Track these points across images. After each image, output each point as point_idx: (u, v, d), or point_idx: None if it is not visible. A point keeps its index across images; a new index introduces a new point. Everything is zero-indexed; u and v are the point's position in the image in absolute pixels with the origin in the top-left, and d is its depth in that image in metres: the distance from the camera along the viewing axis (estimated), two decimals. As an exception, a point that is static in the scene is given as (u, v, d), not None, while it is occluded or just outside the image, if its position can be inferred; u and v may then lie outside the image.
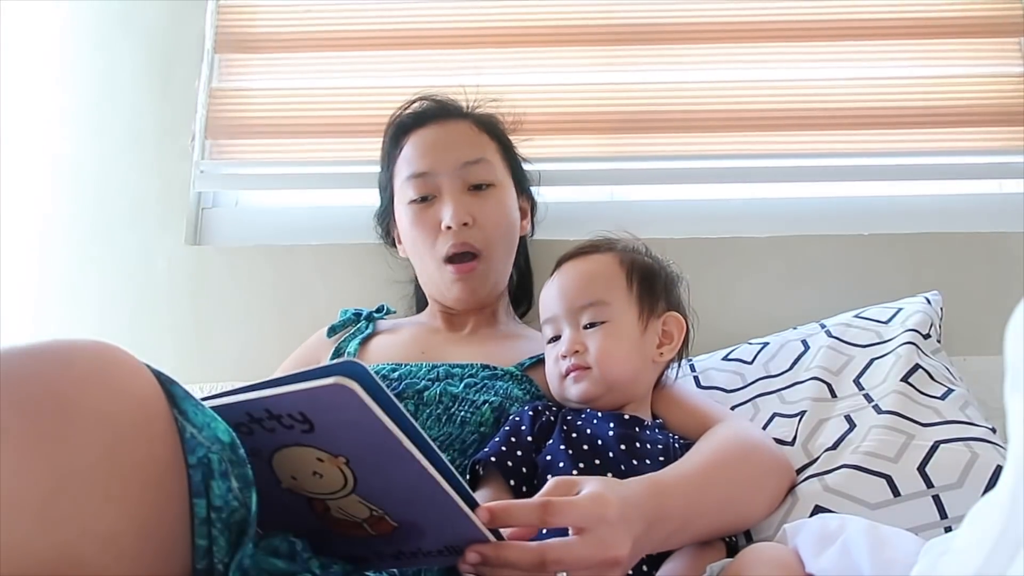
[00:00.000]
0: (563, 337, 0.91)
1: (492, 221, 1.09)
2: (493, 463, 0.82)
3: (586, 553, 0.62)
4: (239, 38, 1.53)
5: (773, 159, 1.42)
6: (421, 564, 0.67)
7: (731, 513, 0.81)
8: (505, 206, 1.12)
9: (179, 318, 1.37)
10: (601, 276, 0.93)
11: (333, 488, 0.58)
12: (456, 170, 1.09)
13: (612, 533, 0.63)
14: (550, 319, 0.94)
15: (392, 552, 0.64)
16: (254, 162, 1.49)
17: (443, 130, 1.13)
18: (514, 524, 0.62)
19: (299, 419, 0.53)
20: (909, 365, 0.95)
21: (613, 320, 0.90)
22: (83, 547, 0.48)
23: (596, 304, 0.90)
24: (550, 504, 0.62)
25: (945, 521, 0.79)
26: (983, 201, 1.41)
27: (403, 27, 1.50)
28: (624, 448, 0.82)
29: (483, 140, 1.14)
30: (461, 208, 1.06)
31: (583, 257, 0.96)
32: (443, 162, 1.09)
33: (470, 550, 0.60)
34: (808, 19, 1.47)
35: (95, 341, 0.53)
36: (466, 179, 1.09)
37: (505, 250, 1.12)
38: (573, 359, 0.89)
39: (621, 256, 0.95)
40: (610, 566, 0.64)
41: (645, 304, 0.92)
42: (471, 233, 1.07)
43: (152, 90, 1.48)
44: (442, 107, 1.17)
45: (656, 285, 0.94)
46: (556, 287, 0.94)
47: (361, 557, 0.66)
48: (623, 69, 1.48)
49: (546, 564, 0.61)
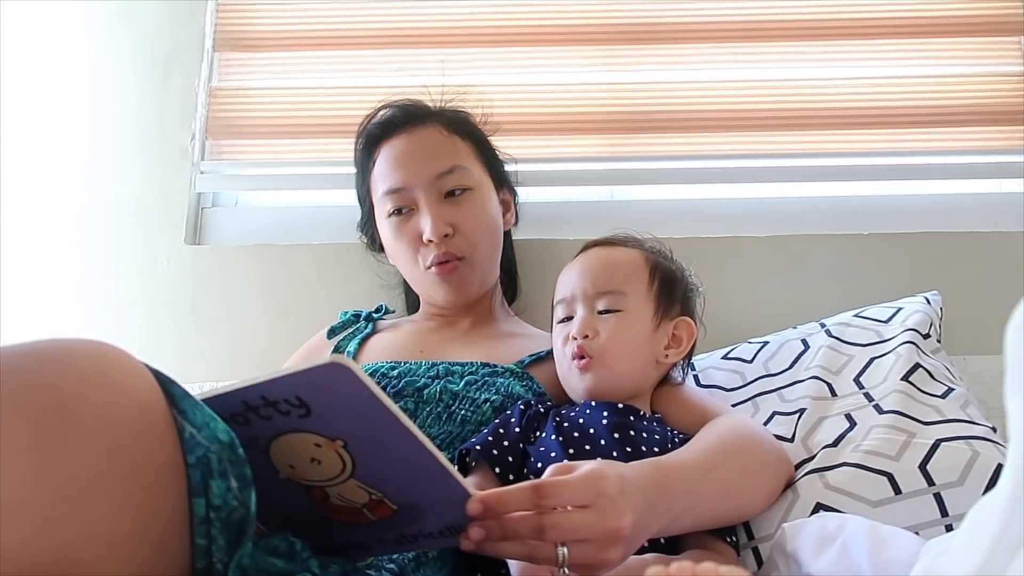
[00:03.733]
0: (576, 318, 0.91)
1: (473, 226, 1.08)
2: (478, 451, 0.82)
3: (585, 522, 0.62)
4: (239, 37, 1.53)
5: (773, 159, 1.42)
6: (423, 546, 0.67)
7: (732, 501, 0.81)
8: (484, 208, 1.11)
9: (179, 317, 1.37)
10: (625, 267, 0.94)
11: (332, 474, 0.58)
12: (430, 181, 1.08)
13: (611, 505, 0.63)
14: (565, 299, 0.94)
15: (394, 536, 0.64)
16: (254, 162, 1.49)
17: (412, 140, 1.11)
18: (507, 511, 0.62)
19: (295, 404, 0.53)
20: (909, 364, 0.95)
21: (628, 311, 0.90)
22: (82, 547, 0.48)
23: (615, 292, 0.91)
24: (542, 486, 0.62)
25: (946, 519, 0.79)
26: (983, 201, 1.41)
27: (404, 26, 1.50)
28: (617, 436, 0.83)
29: (454, 144, 1.12)
30: (439, 220, 1.06)
31: (611, 247, 0.97)
32: (416, 175, 1.08)
33: (473, 525, 0.60)
34: (807, 18, 1.47)
35: (94, 341, 0.53)
36: (441, 188, 1.08)
37: (489, 250, 1.12)
38: (582, 342, 0.89)
39: (647, 254, 0.96)
40: (611, 539, 0.63)
41: (661, 304, 0.93)
42: (453, 242, 1.07)
43: (152, 90, 1.48)
44: (408, 113, 1.14)
45: (675, 289, 0.95)
46: (579, 268, 0.95)
47: (363, 543, 0.66)
48: (621, 69, 1.48)
49: (544, 529, 0.61)
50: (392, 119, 1.14)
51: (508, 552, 0.63)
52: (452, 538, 0.63)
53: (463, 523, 0.61)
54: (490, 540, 0.61)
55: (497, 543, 0.62)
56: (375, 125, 1.15)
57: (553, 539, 0.61)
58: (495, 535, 0.61)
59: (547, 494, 0.61)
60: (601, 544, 0.63)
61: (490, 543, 0.62)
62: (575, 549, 0.62)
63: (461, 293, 1.09)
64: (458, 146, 1.12)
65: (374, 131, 1.15)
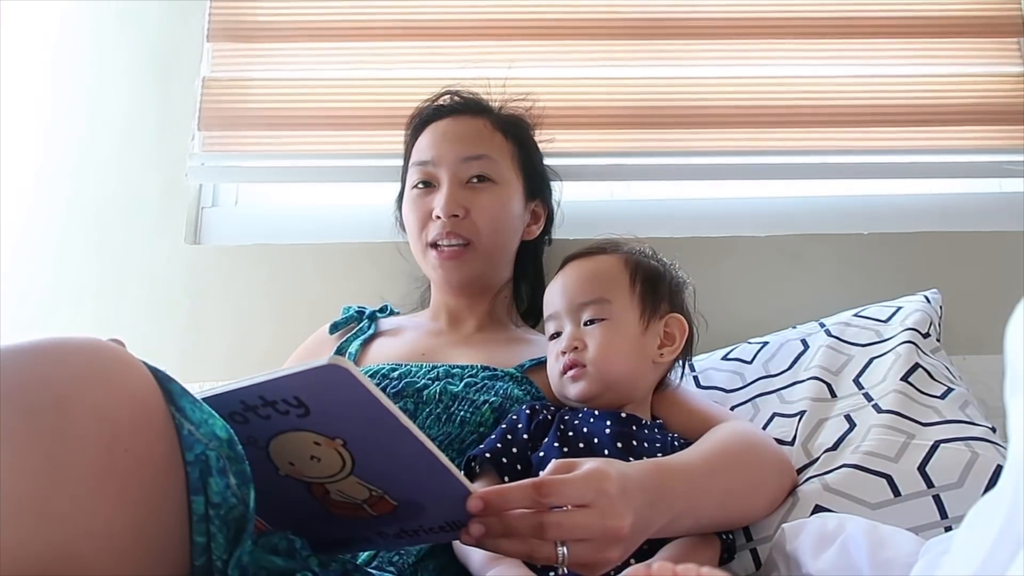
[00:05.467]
0: (563, 333, 0.92)
1: (485, 215, 1.09)
2: (488, 459, 0.82)
3: (585, 521, 0.62)
4: (234, 27, 1.50)
5: (772, 155, 1.42)
6: (424, 541, 0.67)
7: (733, 505, 0.81)
8: (502, 204, 1.12)
9: (178, 316, 1.37)
10: (604, 275, 0.94)
11: (332, 471, 0.58)
12: (457, 163, 1.10)
13: (611, 504, 0.63)
14: (552, 315, 0.95)
15: (395, 531, 0.64)
16: (250, 154, 1.46)
17: (456, 124, 1.15)
18: (508, 508, 0.62)
19: (294, 404, 0.53)
20: (909, 364, 0.95)
21: (613, 318, 0.90)
22: (80, 544, 0.48)
23: (597, 302, 0.91)
24: (543, 484, 0.62)
25: (945, 521, 0.79)
26: (983, 200, 1.42)
27: (406, 17, 1.48)
28: (620, 446, 0.83)
29: (495, 138, 1.14)
30: (452, 200, 1.08)
31: (588, 257, 0.97)
32: (446, 153, 1.11)
33: (473, 522, 0.60)
34: (810, 17, 1.47)
35: (92, 339, 0.53)
36: (466, 172, 1.11)
37: (497, 245, 1.12)
38: (571, 355, 0.89)
39: (626, 257, 0.96)
40: (611, 538, 0.63)
41: (647, 305, 0.92)
42: (461, 224, 1.09)
43: (150, 86, 1.48)
44: (464, 102, 1.18)
45: (660, 287, 0.95)
46: (559, 284, 0.95)
47: (364, 537, 0.66)
48: (626, 64, 1.47)
49: (545, 528, 0.61)
50: (446, 104, 1.19)
51: (508, 550, 0.63)
52: (453, 532, 0.63)
53: (464, 519, 0.61)
54: (490, 537, 0.61)
55: (497, 540, 0.62)
56: (432, 108, 1.19)
57: (553, 538, 0.61)
58: (495, 532, 0.61)
59: (547, 492, 0.61)
60: (601, 543, 0.63)
61: (490, 540, 0.62)
62: (575, 548, 0.62)
63: (459, 277, 1.10)
64: (497, 141, 1.15)
65: (428, 112, 1.19)
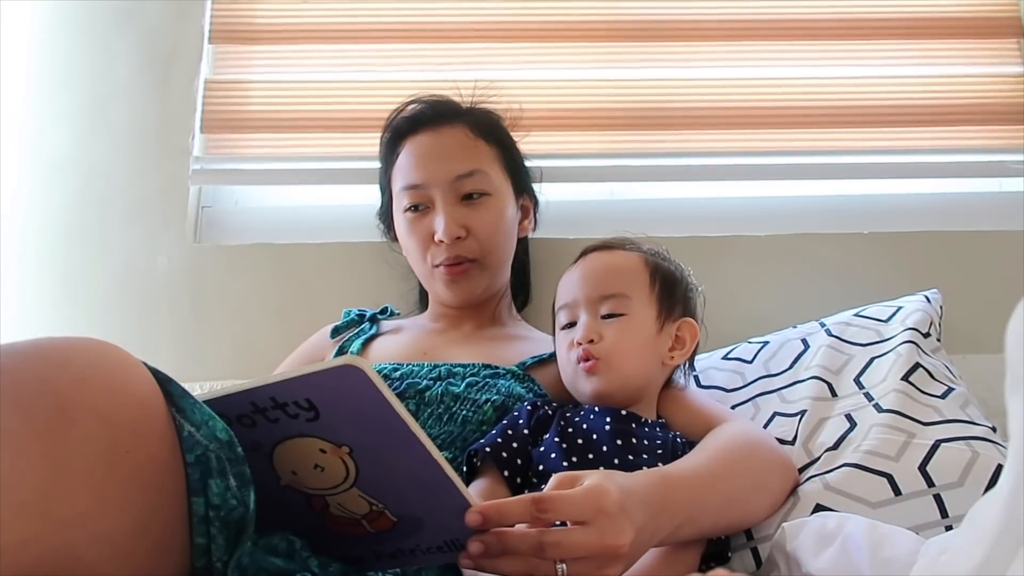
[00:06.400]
0: (579, 323, 0.91)
1: (487, 231, 1.09)
2: (488, 453, 0.83)
3: (584, 539, 0.62)
4: (236, 29, 1.51)
5: (773, 156, 1.42)
6: (420, 562, 0.66)
7: (736, 510, 0.81)
8: (500, 214, 1.11)
9: (179, 316, 1.37)
10: (626, 271, 0.94)
11: (335, 481, 0.58)
12: (449, 183, 1.08)
13: (611, 523, 0.63)
14: (568, 304, 0.94)
15: (390, 551, 0.64)
16: (252, 157, 1.47)
17: (436, 139, 1.11)
18: (506, 523, 0.61)
19: (305, 407, 0.53)
20: (909, 364, 0.95)
21: (631, 315, 0.90)
22: (81, 546, 0.48)
23: (618, 296, 0.91)
24: (542, 499, 0.61)
25: (946, 520, 0.79)
26: (982, 199, 1.42)
27: (405, 20, 1.49)
28: (619, 443, 0.83)
29: (478, 147, 1.12)
30: (453, 223, 1.06)
31: (610, 251, 0.97)
32: (435, 174, 1.08)
33: (472, 540, 0.60)
34: (809, 18, 1.47)
35: (93, 339, 0.53)
36: (459, 190, 1.08)
37: (501, 256, 1.12)
38: (587, 346, 0.89)
39: (647, 257, 0.96)
40: (611, 556, 0.63)
41: (664, 306, 0.93)
42: (464, 244, 1.07)
43: (151, 86, 1.48)
44: (436, 111, 1.14)
45: (676, 291, 0.95)
46: (579, 274, 0.95)
47: (359, 557, 0.65)
48: (623, 66, 1.48)
49: (544, 547, 0.60)
50: (420, 115, 1.14)
51: (507, 569, 0.62)
52: (450, 554, 0.62)
53: (461, 539, 0.61)
54: (489, 556, 0.61)
55: (496, 560, 0.61)
56: (403, 119, 1.16)
57: (552, 557, 0.61)
58: (494, 551, 0.61)
59: (547, 507, 0.61)
60: (600, 561, 0.63)
61: (489, 560, 0.61)
62: (574, 566, 0.62)
63: (467, 294, 1.10)
64: (481, 150, 1.12)
65: (401, 125, 1.15)
